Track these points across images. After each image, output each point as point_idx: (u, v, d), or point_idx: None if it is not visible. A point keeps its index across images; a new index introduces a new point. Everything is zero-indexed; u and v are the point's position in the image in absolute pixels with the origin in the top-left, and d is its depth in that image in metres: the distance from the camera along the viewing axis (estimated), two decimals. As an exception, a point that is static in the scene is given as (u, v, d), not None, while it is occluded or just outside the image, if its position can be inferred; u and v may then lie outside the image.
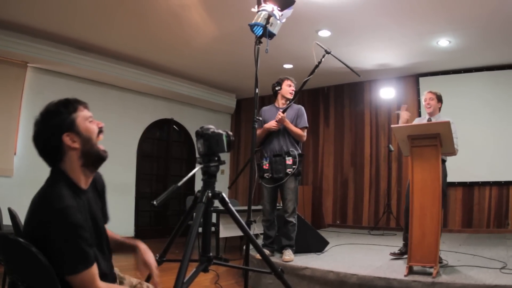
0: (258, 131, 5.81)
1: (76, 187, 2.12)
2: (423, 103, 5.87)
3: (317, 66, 5.43)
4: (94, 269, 1.98)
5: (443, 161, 5.43)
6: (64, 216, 1.91)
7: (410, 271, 4.50)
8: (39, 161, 2.05)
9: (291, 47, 8.48)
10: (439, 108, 5.75)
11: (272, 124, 5.76)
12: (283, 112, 5.74)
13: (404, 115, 5.74)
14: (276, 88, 6.02)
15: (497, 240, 7.45)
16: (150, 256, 2.48)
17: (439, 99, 5.73)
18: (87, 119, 2.18)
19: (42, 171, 2.13)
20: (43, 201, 1.97)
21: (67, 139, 2.07)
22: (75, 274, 1.91)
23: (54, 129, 2.06)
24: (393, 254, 5.70)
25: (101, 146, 2.26)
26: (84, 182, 2.18)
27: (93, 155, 2.19)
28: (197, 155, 2.67)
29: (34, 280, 1.96)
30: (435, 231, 4.39)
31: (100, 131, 2.27)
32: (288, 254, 5.59)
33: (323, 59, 5.40)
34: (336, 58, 5.49)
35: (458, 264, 5.02)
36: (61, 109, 2.11)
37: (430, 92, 5.76)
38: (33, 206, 1.99)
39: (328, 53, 5.37)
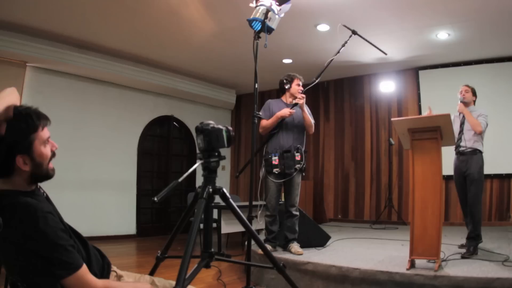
0: (269, 121, 5.82)
1: (28, 192, 2.07)
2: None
3: (343, 45, 5.66)
4: (83, 270, 1.98)
5: (477, 151, 5.49)
6: (44, 223, 1.91)
7: (412, 264, 4.50)
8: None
9: (290, 42, 8.47)
10: (474, 102, 5.83)
11: (286, 112, 5.76)
12: (291, 108, 5.76)
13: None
14: (286, 86, 6.02)
15: (499, 233, 7.44)
16: None
17: (474, 92, 5.85)
18: (43, 142, 2.10)
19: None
20: (15, 214, 1.92)
21: (20, 160, 2.00)
22: (66, 277, 1.92)
23: (10, 146, 1.99)
24: (463, 254, 5.51)
25: (50, 165, 2.16)
26: (32, 188, 2.12)
27: (40, 177, 2.13)
28: (197, 151, 2.66)
29: (33, 281, 1.96)
30: (436, 225, 4.39)
31: (54, 154, 2.18)
32: (298, 247, 5.66)
33: (348, 40, 5.57)
34: (363, 38, 5.65)
35: (460, 258, 5.02)
36: (22, 125, 2.03)
37: (466, 85, 5.88)
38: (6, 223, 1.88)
39: (355, 33, 5.48)
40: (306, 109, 6.00)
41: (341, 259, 5.17)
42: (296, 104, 5.79)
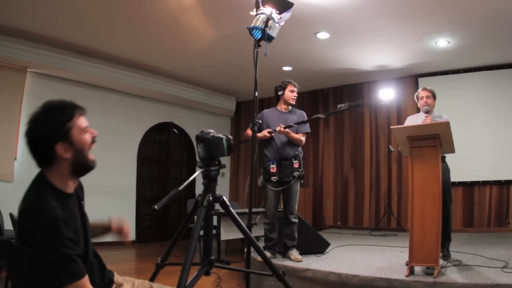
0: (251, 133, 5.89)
1: (62, 192, 2.11)
2: (417, 100, 5.75)
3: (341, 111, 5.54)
4: (85, 281, 1.98)
5: (443, 158, 5.45)
6: (54, 228, 1.92)
7: (411, 271, 4.51)
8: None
9: (290, 49, 8.50)
10: (434, 106, 5.65)
11: (264, 133, 5.80)
12: (285, 128, 5.77)
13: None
14: (279, 93, 6.00)
15: (498, 239, 7.45)
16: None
17: (435, 96, 5.64)
18: (82, 130, 2.16)
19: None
20: (32, 212, 1.95)
21: (60, 148, 2.05)
22: (67, 285, 1.92)
23: (48, 136, 2.05)
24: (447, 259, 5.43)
25: (91, 155, 2.21)
26: (70, 188, 2.17)
27: (82, 165, 2.18)
28: (197, 159, 2.68)
29: (36, 285, 1.97)
30: (435, 231, 4.40)
31: (93, 141, 2.24)
32: (298, 254, 5.67)
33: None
34: (368, 106, 5.65)
35: (459, 264, 5.03)
36: (57, 115, 2.10)
37: (426, 89, 5.66)
38: (21, 217, 1.98)
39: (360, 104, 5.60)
40: (304, 119, 6.02)
41: (340, 266, 5.18)
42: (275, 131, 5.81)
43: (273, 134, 5.81)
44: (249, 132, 5.93)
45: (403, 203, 9.88)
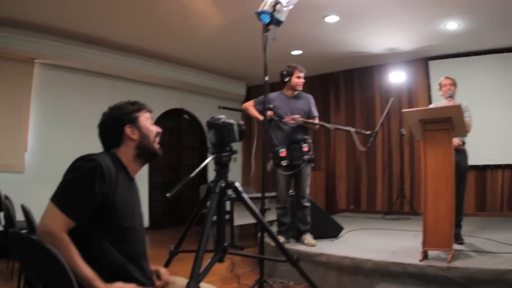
0: (251, 111, 6.05)
1: (126, 171, 2.37)
2: (436, 87, 5.90)
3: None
4: (68, 222, 2.03)
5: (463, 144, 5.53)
6: (91, 166, 2.12)
7: (425, 256, 4.50)
8: (50, 156, 2.14)
9: (299, 33, 8.44)
10: (455, 93, 5.78)
11: (260, 118, 5.81)
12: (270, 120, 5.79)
13: None
14: (285, 79, 5.95)
15: (511, 224, 7.41)
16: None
17: (456, 84, 5.80)
18: (148, 120, 2.49)
19: (53, 167, 2.21)
20: (86, 156, 2.20)
21: (128, 130, 2.37)
22: (51, 202, 2.05)
23: (120, 119, 2.38)
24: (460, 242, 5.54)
25: (157, 144, 2.51)
26: (133, 170, 2.44)
27: (147, 150, 2.45)
28: (208, 145, 2.68)
29: (49, 277, 1.97)
30: (449, 216, 4.38)
31: (158, 134, 2.52)
32: (312, 238, 5.70)
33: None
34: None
35: (473, 249, 5.01)
36: (128, 105, 2.46)
37: (449, 78, 5.82)
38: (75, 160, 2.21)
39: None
40: (313, 104, 6.05)
41: (354, 250, 5.18)
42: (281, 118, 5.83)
43: (282, 120, 5.79)
44: (248, 105, 6.01)
45: (415, 186, 9.85)
